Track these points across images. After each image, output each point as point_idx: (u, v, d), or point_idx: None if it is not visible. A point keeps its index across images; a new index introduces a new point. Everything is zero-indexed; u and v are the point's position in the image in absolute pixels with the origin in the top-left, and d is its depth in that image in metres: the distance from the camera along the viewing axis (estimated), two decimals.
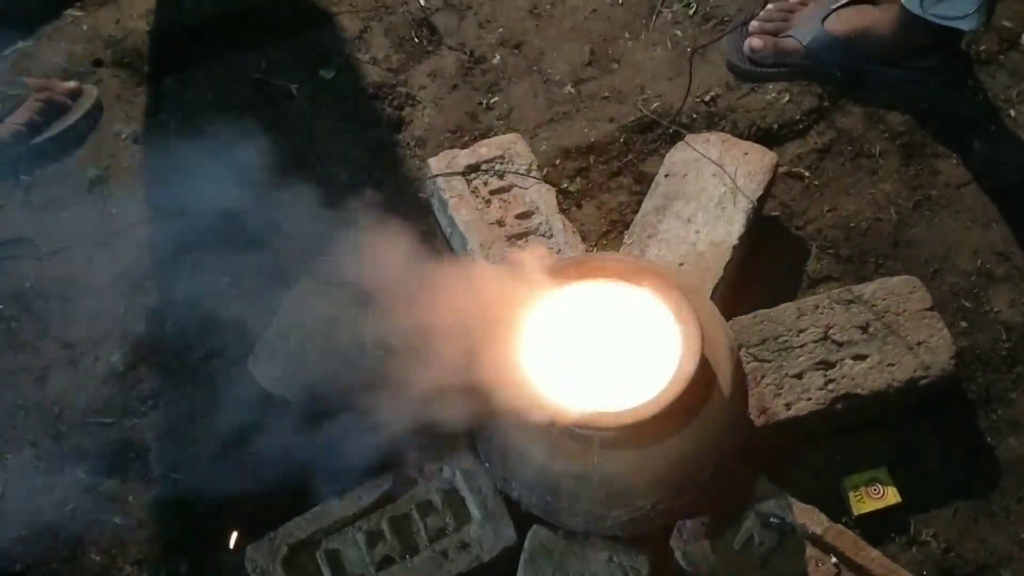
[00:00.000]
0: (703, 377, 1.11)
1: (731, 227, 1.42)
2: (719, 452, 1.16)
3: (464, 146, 1.56)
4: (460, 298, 1.25)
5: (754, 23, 1.72)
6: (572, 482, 1.12)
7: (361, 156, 1.67)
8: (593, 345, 1.17)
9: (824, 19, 1.66)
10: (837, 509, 1.30)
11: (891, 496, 1.32)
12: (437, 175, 1.50)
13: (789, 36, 1.69)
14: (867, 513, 1.31)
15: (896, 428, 1.37)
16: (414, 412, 1.29)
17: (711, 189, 1.46)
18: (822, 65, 1.68)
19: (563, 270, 1.17)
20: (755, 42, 1.69)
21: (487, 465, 1.23)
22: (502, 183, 1.50)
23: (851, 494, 1.32)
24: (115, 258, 1.59)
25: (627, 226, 1.51)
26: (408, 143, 1.68)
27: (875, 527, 1.30)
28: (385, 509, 1.26)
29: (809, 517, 1.23)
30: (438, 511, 1.25)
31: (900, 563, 1.27)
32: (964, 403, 1.39)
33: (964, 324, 1.43)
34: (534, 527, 1.22)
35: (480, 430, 1.21)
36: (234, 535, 1.33)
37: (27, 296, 1.56)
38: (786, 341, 1.35)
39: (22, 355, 1.51)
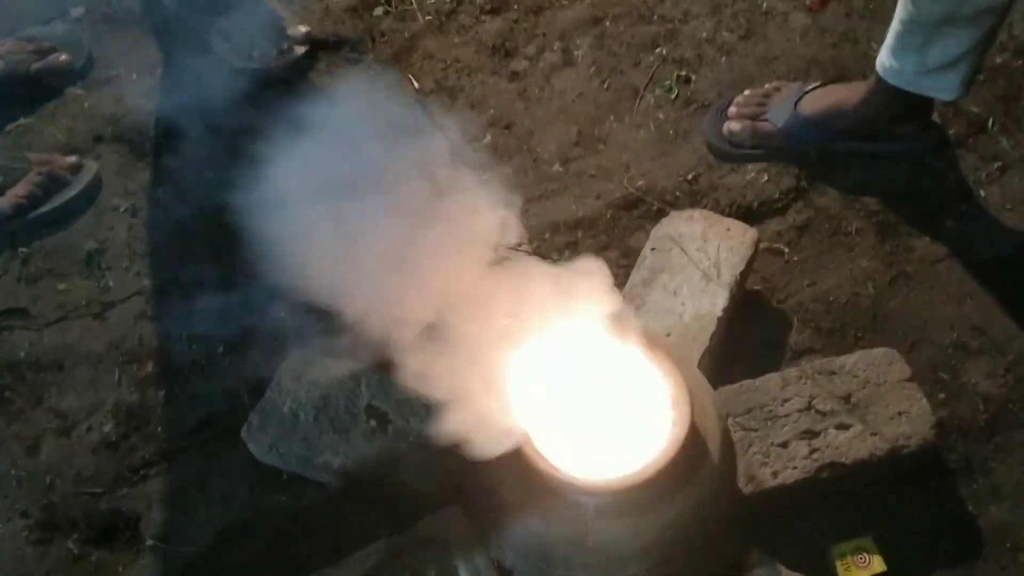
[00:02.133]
0: (694, 443, 1.14)
1: (715, 299, 1.47)
2: (710, 518, 1.18)
3: None
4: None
5: (732, 108, 1.80)
6: (566, 549, 1.14)
7: (352, 234, 1.71)
8: (583, 409, 1.20)
9: (797, 102, 1.75)
10: None
11: (877, 565, 1.33)
12: None
13: (765, 120, 1.77)
14: None
15: (881, 497, 1.39)
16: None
17: (696, 263, 1.51)
18: (797, 145, 1.76)
19: (555, 339, 1.20)
20: (733, 125, 1.77)
21: (480, 532, 1.24)
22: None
23: (838, 563, 1.34)
24: (110, 329, 1.61)
25: None
26: None
27: None
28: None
29: None
30: None
31: None
32: (946, 472, 1.41)
33: (943, 395, 1.47)
34: None
35: (474, 493, 1.22)
36: None
37: (21, 366, 1.58)
38: (771, 411, 1.38)
39: (15, 424, 1.51)
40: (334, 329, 1.55)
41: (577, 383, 1.19)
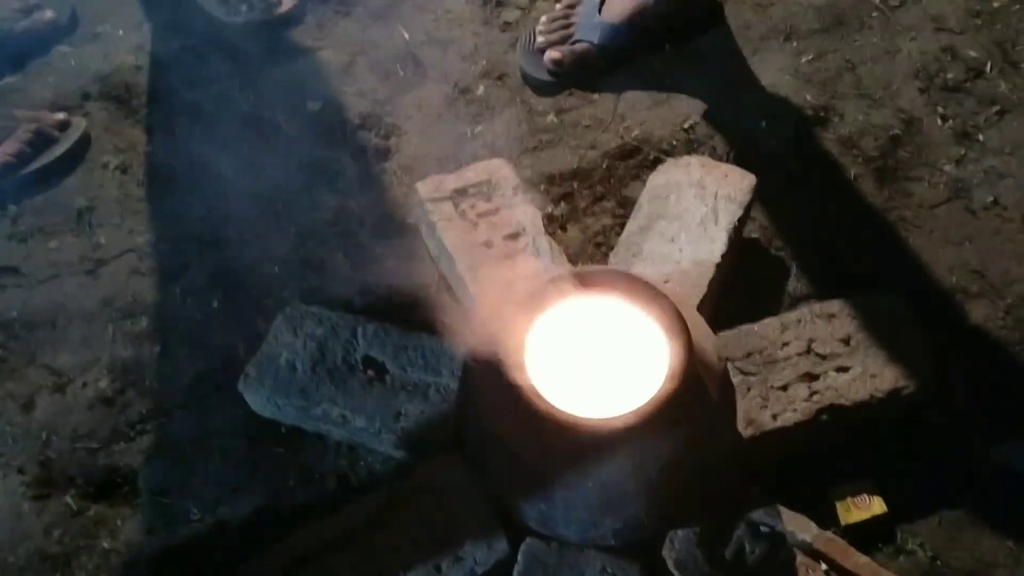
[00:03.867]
0: (692, 382, 1.13)
1: (713, 246, 1.45)
2: (709, 459, 1.18)
3: (451, 172, 1.59)
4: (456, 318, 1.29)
5: (540, 39, 1.80)
6: (565, 489, 1.13)
7: (348, 185, 1.70)
8: (584, 354, 1.19)
9: (599, 13, 1.78)
10: (825, 520, 1.31)
11: (877, 506, 1.33)
12: (425, 200, 1.53)
13: (578, 40, 1.77)
14: (854, 523, 1.32)
15: (881, 440, 1.39)
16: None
17: (693, 210, 1.49)
18: (618, 54, 1.77)
19: (553, 282, 1.19)
20: (554, 55, 1.78)
21: (480, 474, 1.23)
22: (489, 205, 1.53)
23: (838, 505, 1.34)
24: (103, 286, 1.59)
25: (612, 248, 1.54)
26: (395, 171, 1.71)
27: (863, 537, 1.31)
28: (378, 525, 1.26)
29: (799, 525, 1.25)
30: (432, 525, 1.25)
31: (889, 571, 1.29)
32: (946, 415, 1.41)
33: (942, 338, 1.46)
34: (527, 539, 1.23)
35: (472, 437, 1.21)
36: None
37: (14, 324, 1.56)
38: (770, 354, 1.38)
39: (9, 382, 1.50)
40: (330, 281, 1.56)
41: (576, 332, 1.18)
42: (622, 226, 1.56)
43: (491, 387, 1.17)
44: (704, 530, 1.23)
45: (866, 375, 1.35)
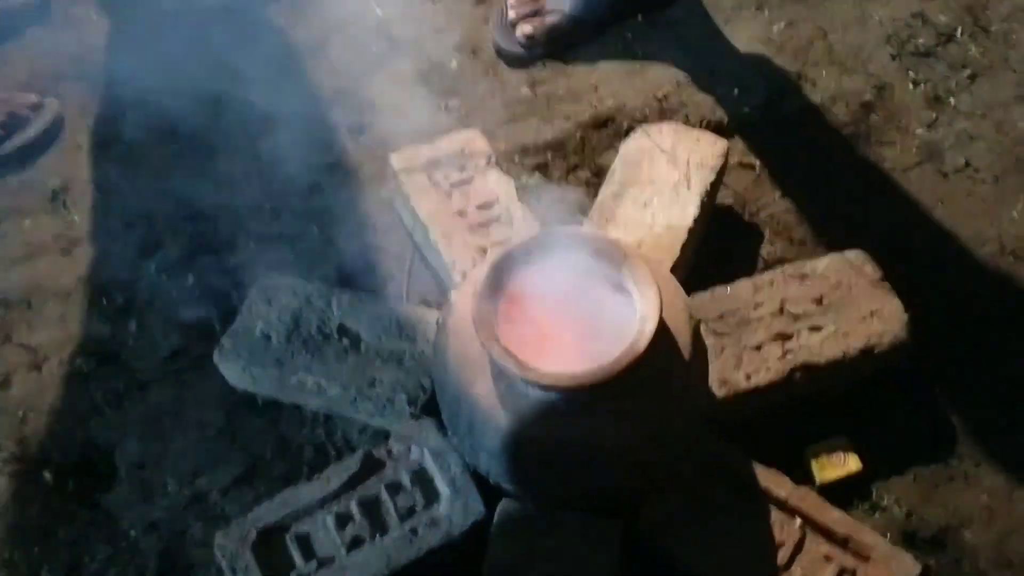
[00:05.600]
0: (663, 341, 1.13)
1: (686, 210, 1.46)
2: (683, 418, 1.18)
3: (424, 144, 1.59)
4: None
5: (511, 12, 1.80)
6: (539, 449, 1.13)
7: (322, 159, 1.70)
8: (555, 316, 1.19)
9: None
10: (801, 479, 1.32)
11: (852, 463, 1.34)
12: (399, 171, 1.53)
13: (550, 11, 1.78)
14: (830, 481, 1.33)
15: (855, 398, 1.40)
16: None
17: (666, 175, 1.50)
18: (590, 26, 1.79)
19: (525, 243, 1.19)
20: (526, 28, 1.79)
21: (455, 439, 1.24)
22: (462, 176, 1.53)
23: (813, 463, 1.34)
24: (78, 265, 1.59)
25: (584, 212, 1.54)
26: (370, 145, 1.71)
27: (838, 495, 1.31)
28: (354, 491, 1.26)
29: (773, 481, 1.25)
30: (407, 490, 1.26)
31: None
32: (920, 373, 1.42)
33: (916, 298, 1.47)
34: (503, 501, 1.23)
35: (447, 401, 1.22)
36: None
37: None
38: (744, 315, 1.38)
39: None
40: (304, 254, 1.56)
41: (546, 286, 1.18)
42: (596, 195, 1.57)
43: (464, 351, 1.17)
44: (679, 488, 1.24)
45: (839, 334, 1.36)
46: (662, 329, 1.13)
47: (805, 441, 1.36)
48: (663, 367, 1.14)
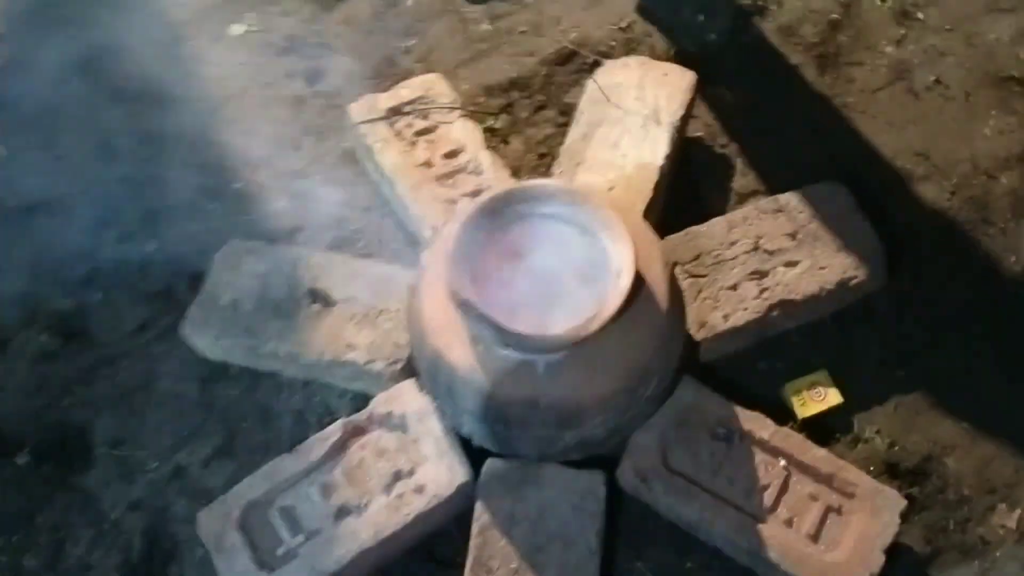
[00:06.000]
0: (639, 292, 1.11)
1: (656, 148, 1.42)
2: (661, 365, 1.17)
3: (384, 90, 1.53)
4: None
5: None
6: (520, 409, 1.12)
7: (279, 111, 1.64)
8: (529, 270, 1.17)
9: None
10: (782, 416, 1.33)
11: (833, 397, 1.35)
12: (359, 122, 1.48)
13: None
14: (811, 416, 1.34)
15: (833, 331, 1.40)
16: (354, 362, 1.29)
17: (634, 113, 1.45)
18: None
19: (494, 199, 1.16)
20: None
21: (436, 401, 1.23)
22: (426, 123, 1.48)
23: (794, 399, 1.35)
24: (34, 237, 1.54)
25: (556, 158, 1.50)
26: (327, 93, 1.65)
27: (820, 430, 1.33)
28: (337, 460, 1.25)
29: (755, 424, 1.26)
30: (390, 455, 1.25)
31: (847, 461, 1.31)
32: (896, 302, 1.42)
33: (891, 226, 1.46)
34: (488, 460, 1.23)
35: (425, 366, 1.20)
36: None
37: None
38: (719, 255, 1.36)
39: None
40: (269, 214, 1.52)
41: (519, 240, 1.15)
42: (565, 135, 1.53)
43: (438, 314, 1.15)
44: (660, 436, 1.24)
45: (815, 268, 1.35)
46: (637, 282, 1.11)
47: (784, 376, 1.37)
48: (639, 318, 1.13)
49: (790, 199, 1.40)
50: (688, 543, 1.25)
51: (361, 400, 1.33)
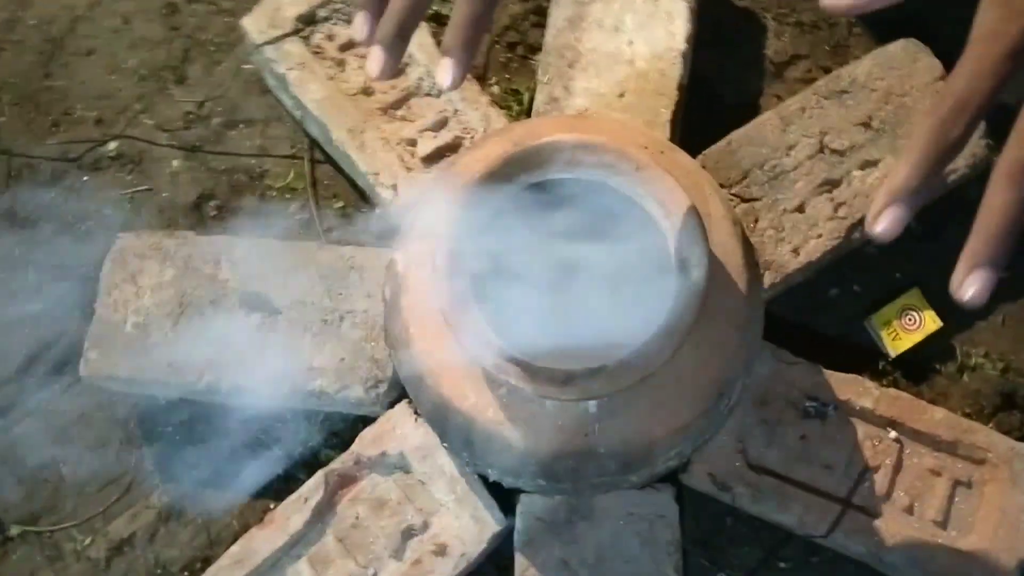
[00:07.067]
0: (715, 283, 0.79)
1: (673, 24, 1.05)
2: (745, 363, 0.86)
3: None
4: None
5: None
6: (571, 462, 0.82)
7: (150, 31, 1.21)
8: (544, 262, 0.83)
9: None
10: (869, 357, 1.05)
11: (930, 322, 1.07)
12: (261, 43, 1.07)
13: None
14: (907, 351, 1.06)
15: (918, 236, 1.09)
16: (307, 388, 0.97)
17: None
18: None
19: (491, 174, 0.80)
20: None
21: (445, 444, 0.92)
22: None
23: (883, 333, 1.06)
24: None
25: (532, 48, 1.13)
26: (211, 1, 1.22)
27: (918, 365, 1.06)
28: (326, 523, 0.95)
29: (853, 390, 0.98)
30: (394, 508, 0.95)
31: (955, 398, 1.05)
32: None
33: None
34: (523, 498, 0.94)
35: (426, 412, 0.88)
36: None
37: None
38: (775, 167, 1.03)
39: None
40: (164, 185, 1.14)
41: (527, 218, 0.81)
42: (537, 11, 1.15)
43: (432, 341, 0.82)
44: (737, 427, 0.96)
45: None
46: (713, 268, 0.78)
47: (865, 305, 1.08)
48: (716, 314, 0.81)
49: (856, 72, 1.05)
50: (779, 536, 1.00)
51: (340, 423, 1.01)
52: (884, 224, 0.52)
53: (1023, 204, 0.49)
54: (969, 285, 0.51)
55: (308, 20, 1.08)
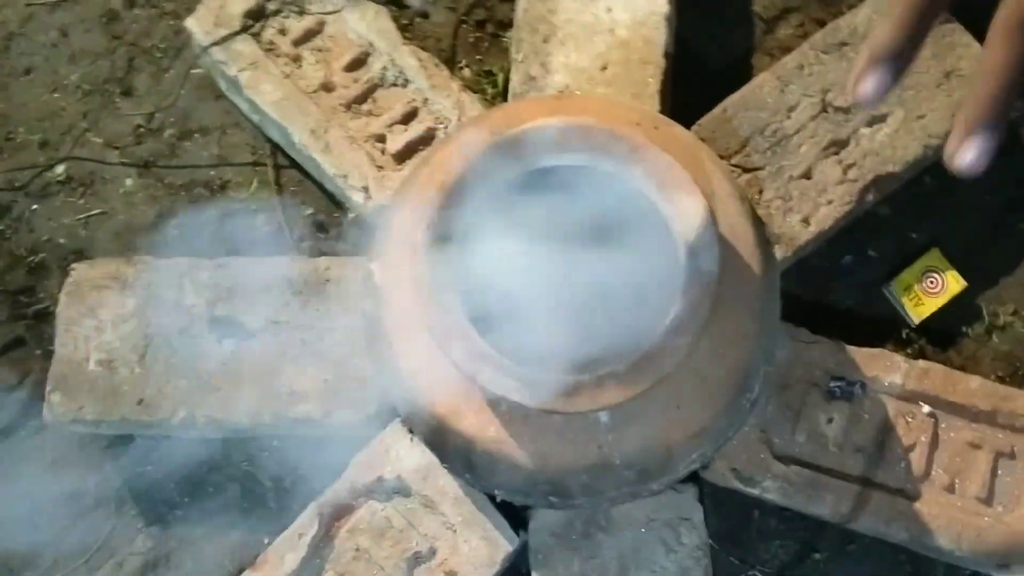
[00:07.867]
0: (727, 268, 0.71)
1: None
2: (765, 352, 0.79)
3: None
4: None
5: None
6: (584, 476, 0.75)
7: (90, 43, 1.12)
8: (535, 258, 0.76)
9: None
10: (891, 326, 0.98)
11: (953, 283, 0.99)
12: (208, 44, 0.98)
13: None
14: (930, 316, 0.99)
15: (933, 192, 1.02)
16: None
17: None
18: None
19: (474, 169, 0.72)
20: None
21: (445, 466, 0.84)
22: (307, 23, 0.99)
23: (905, 298, 0.99)
24: None
25: (502, 25, 1.04)
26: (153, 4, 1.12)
27: (944, 330, 0.99)
28: (324, 558, 0.88)
29: (880, 364, 0.90)
30: (396, 536, 0.88)
31: (986, 362, 0.99)
32: (1013, 135, 1.03)
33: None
34: (535, 513, 0.87)
35: (422, 432, 0.81)
36: None
37: None
38: (776, 131, 0.95)
39: None
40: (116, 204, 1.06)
41: (526, 226, 0.73)
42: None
43: (420, 357, 0.74)
44: (759, 416, 0.88)
45: (911, 119, 0.95)
46: (724, 255, 0.70)
47: (884, 270, 1.01)
48: (731, 303, 0.73)
49: (855, 20, 0.97)
50: (812, 525, 0.94)
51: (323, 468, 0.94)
52: (867, 87, 0.44)
53: (1019, 62, 0.42)
54: (966, 150, 0.43)
55: (257, 15, 0.99)
